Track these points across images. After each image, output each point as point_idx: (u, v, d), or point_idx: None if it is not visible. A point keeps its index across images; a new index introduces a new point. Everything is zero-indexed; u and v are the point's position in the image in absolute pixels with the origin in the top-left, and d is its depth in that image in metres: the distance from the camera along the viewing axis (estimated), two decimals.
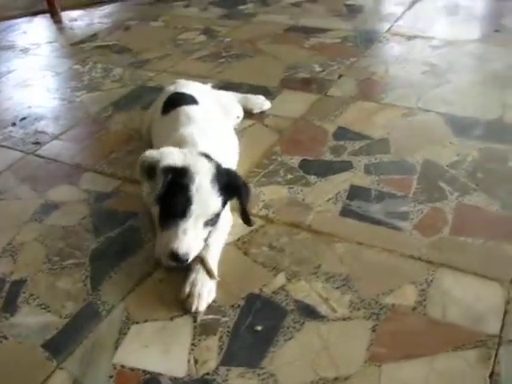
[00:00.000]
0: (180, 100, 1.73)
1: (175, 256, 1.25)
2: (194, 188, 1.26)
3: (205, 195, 1.27)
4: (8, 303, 1.34)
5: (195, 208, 1.25)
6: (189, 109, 1.67)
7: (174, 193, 1.27)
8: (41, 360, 1.18)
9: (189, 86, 1.89)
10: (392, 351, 1.13)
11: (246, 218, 1.36)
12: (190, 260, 1.27)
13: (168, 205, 1.28)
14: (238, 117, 2.00)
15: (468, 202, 1.53)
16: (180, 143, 1.48)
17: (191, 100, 1.74)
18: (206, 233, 1.32)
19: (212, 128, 1.60)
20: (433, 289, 1.27)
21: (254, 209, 1.56)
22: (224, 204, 1.33)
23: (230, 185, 1.32)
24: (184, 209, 1.26)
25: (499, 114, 1.96)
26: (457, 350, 1.12)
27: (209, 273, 1.30)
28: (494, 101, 2.06)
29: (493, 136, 1.83)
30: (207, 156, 1.35)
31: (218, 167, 1.33)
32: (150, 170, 1.28)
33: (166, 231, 1.28)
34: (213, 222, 1.32)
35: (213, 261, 1.32)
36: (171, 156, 1.29)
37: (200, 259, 1.31)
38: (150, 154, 1.32)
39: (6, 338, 1.25)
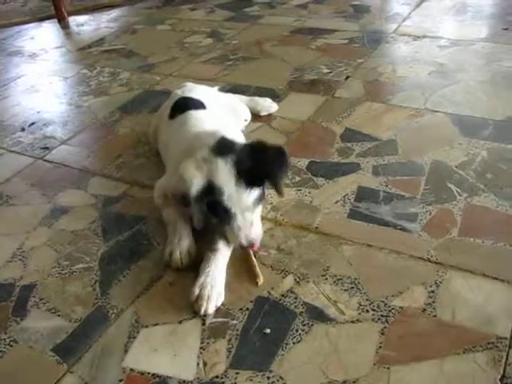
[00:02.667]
0: (187, 105, 1.73)
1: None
2: (225, 199, 1.27)
3: (237, 197, 1.28)
4: (18, 307, 1.35)
5: (235, 210, 1.29)
6: (196, 113, 1.68)
7: (213, 210, 1.31)
8: (51, 364, 1.19)
9: (196, 90, 1.89)
10: (401, 354, 1.13)
11: (278, 191, 1.36)
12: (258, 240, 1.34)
13: (214, 219, 1.35)
14: (245, 120, 2.01)
15: (477, 202, 1.52)
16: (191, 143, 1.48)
17: (199, 104, 1.74)
18: (257, 212, 1.36)
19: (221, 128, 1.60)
20: (442, 290, 1.26)
21: (262, 211, 1.56)
22: (261, 183, 1.33)
23: (256, 172, 1.31)
24: (228, 216, 1.29)
25: (508, 113, 1.95)
26: (467, 353, 1.11)
27: (254, 273, 1.35)
28: (503, 100, 2.05)
29: (502, 136, 1.81)
30: (222, 144, 1.36)
31: (238, 159, 1.30)
32: (184, 198, 1.30)
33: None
34: (258, 201, 1.34)
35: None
36: (194, 178, 1.28)
37: (248, 257, 1.37)
38: (176, 185, 1.34)
39: (16, 342, 1.25)
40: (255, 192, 1.31)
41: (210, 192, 1.28)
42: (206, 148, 1.34)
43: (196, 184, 1.28)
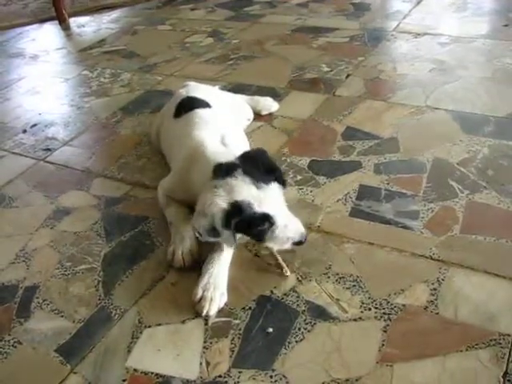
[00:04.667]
0: (193, 103, 1.73)
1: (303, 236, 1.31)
2: (256, 207, 1.24)
3: (264, 197, 1.25)
4: (21, 309, 1.35)
5: (270, 211, 1.25)
6: (201, 112, 1.68)
7: (251, 227, 1.27)
8: (55, 365, 1.20)
9: (200, 89, 1.90)
10: (404, 351, 1.13)
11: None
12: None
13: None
14: (248, 119, 2.01)
15: (479, 199, 1.52)
16: (194, 149, 1.48)
17: (204, 104, 1.74)
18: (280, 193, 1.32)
19: (224, 132, 1.59)
20: (444, 288, 1.26)
21: None
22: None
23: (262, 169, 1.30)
24: (267, 222, 1.26)
25: (509, 110, 1.94)
26: (469, 350, 1.12)
27: (280, 266, 1.35)
28: (504, 97, 2.04)
29: (503, 132, 1.81)
30: (222, 167, 1.32)
31: (244, 168, 1.29)
32: (212, 230, 1.27)
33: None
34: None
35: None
36: (217, 206, 1.24)
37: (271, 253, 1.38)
38: (199, 219, 1.29)
39: (20, 343, 1.26)
40: (274, 185, 1.28)
41: (238, 212, 1.24)
42: (211, 179, 1.31)
43: (220, 210, 1.24)
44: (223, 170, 1.30)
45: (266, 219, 1.25)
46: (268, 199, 1.26)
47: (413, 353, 1.13)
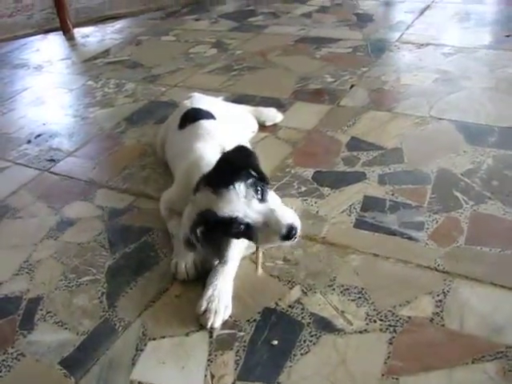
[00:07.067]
0: (197, 115, 1.74)
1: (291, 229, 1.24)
2: (224, 213, 1.23)
3: (228, 202, 1.23)
4: (25, 321, 1.35)
5: (239, 214, 1.23)
6: (206, 124, 1.68)
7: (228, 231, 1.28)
8: (58, 377, 1.19)
9: (205, 101, 1.90)
10: (410, 364, 1.12)
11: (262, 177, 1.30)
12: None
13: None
14: (253, 131, 2.01)
15: (483, 210, 1.52)
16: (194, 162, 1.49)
17: (208, 115, 1.75)
18: (273, 201, 1.30)
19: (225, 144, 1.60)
20: (450, 299, 1.25)
21: None
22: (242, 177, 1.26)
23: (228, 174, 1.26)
24: (242, 224, 1.24)
25: None
26: (476, 362, 1.11)
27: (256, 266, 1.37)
28: (508, 107, 2.04)
29: (507, 143, 1.81)
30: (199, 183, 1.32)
31: (208, 177, 1.30)
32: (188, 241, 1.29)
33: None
34: (260, 190, 1.26)
35: None
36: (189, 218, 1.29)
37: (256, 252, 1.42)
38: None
39: (23, 355, 1.25)
40: (238, 186, 1.23)
41: (202, 221, 1.25)
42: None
43: (188, 221, 1.28)
44: (195, 187, 1.32)
45: (232, 221, 1.23)
46: (229, 202, 1.23)
47: (419, 365, 1.12)
